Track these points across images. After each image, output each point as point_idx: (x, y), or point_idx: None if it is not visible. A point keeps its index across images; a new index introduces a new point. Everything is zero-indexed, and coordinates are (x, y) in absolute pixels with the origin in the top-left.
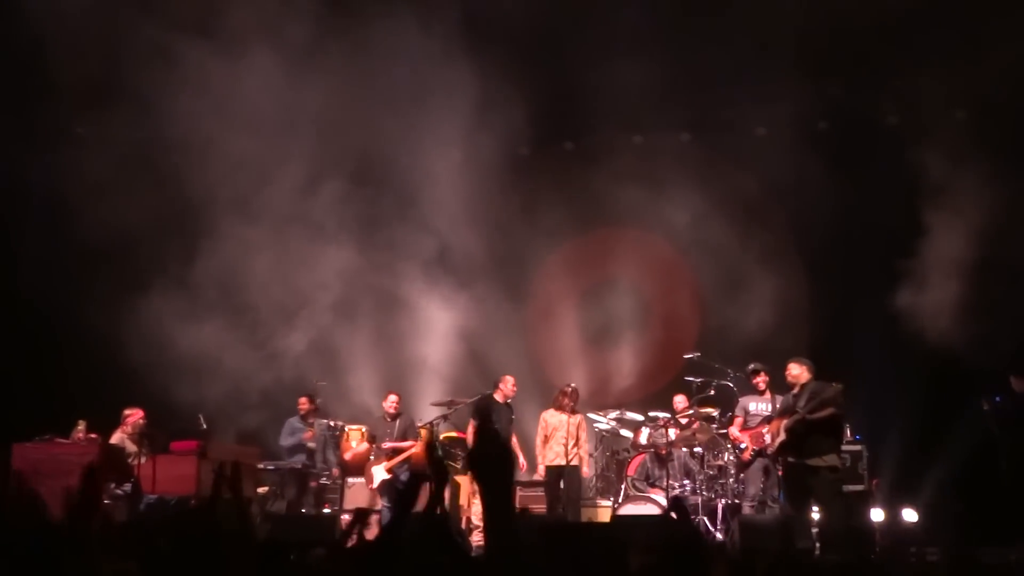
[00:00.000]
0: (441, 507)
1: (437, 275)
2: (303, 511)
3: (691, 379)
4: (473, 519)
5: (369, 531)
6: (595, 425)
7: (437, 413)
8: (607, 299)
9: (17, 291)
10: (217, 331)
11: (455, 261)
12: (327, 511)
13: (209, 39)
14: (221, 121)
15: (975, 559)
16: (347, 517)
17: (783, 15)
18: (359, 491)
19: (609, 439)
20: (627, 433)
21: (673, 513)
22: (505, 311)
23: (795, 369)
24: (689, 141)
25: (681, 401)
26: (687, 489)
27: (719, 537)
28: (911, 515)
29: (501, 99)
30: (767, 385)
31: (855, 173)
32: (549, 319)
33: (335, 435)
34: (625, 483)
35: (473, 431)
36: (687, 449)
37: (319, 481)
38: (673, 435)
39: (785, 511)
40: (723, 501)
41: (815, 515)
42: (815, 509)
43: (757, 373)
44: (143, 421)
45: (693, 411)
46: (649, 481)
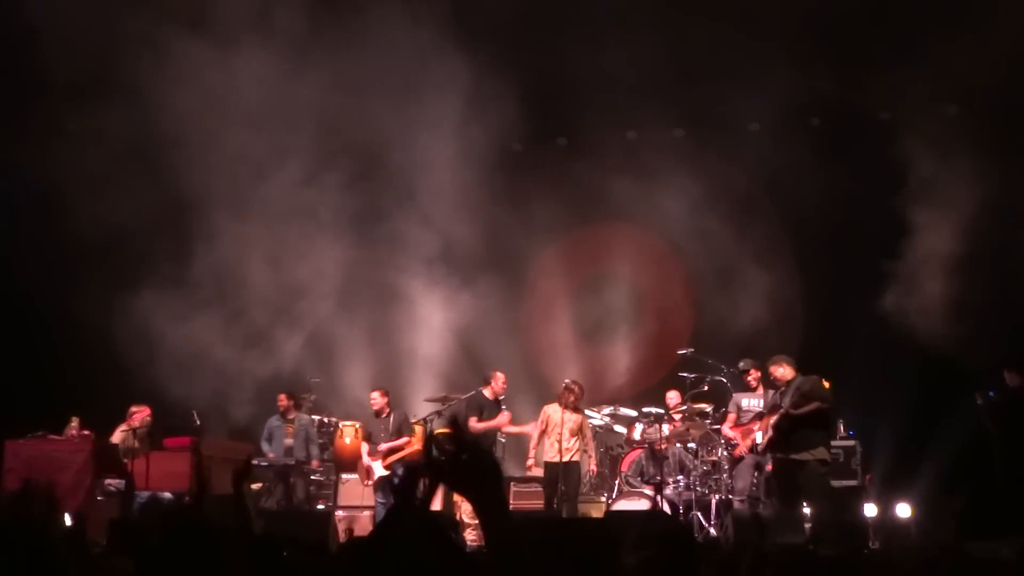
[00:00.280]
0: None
1: (431, 271)
2: (296, 507)
3: (685, 375)
4: (465, 518)
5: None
6: (589, 421)
7: (431, 409)
8: (601, 295)
9: (10, 288)
10: (210, 327)
11: (449, 257)
12: (321, 507)
13: (200, 32)
14: (213, 114)
15: (967, 553)
16: (341, 513)
17: (777, 10)
18: (353, 487)
19: (603, 435)
20: (621, 429)
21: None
22: (499, 307)
23: (779, 370)
24: (682, 137)
25: (674, 397)
26: (681, 485)
27: (713, 532)
28: (904, 510)
29: (494, 94)
30: (759, 381)
31: (847, 169)
32: (543, 315)
33: (329, 431)
34: (619, 479)
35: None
36: (681, 445)
37: (309, 477)
38: (667, 431)
39: (776, 507)
40: (717, 497)
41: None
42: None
43: (748, 372)
44: (150, 419)
45: (686, 407)
46: (644, 478)
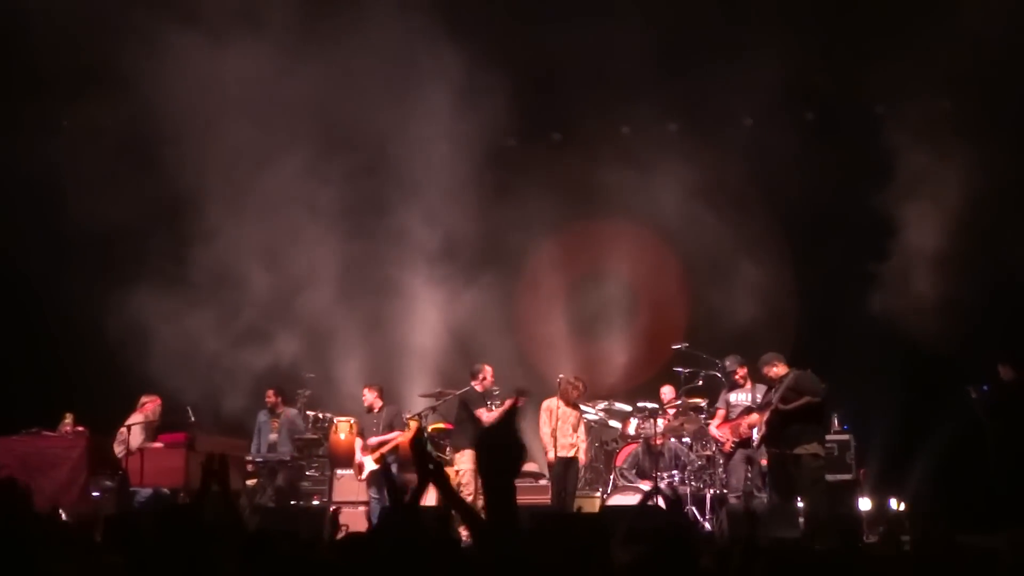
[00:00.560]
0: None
1: (425, 266)
2: (291, 503)
3: (679, 370)
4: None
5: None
6: (584, 416)
7: (426, 404)
8: (595, 290)
9: (2, 283)
10: (204, 323)
11: (444, 252)
12: (316, 503)
13: (193, 25)
14: (206, 107)
15: (960, 546)
16: (335, 508)
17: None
18: (347, 483)
19: (598, 430)
20: (615, 424)
21: (659, 500)
22: (494, 302)
23: (772, 369)
24: (676, 131)
25: (668, 392)
26: (676, 479)
27: (707, 527)
28: (897, 504)
29: (487, 89)
30: (746, 378)
31: (842, 163)
32: (538, 309)
33: (324, 426)
34: (614, 473)
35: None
36: (676, 440)
37: (296, 472)
38: (661, 425)
39: (771, 501)
40: (711, 491)
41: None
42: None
43: (735, 371)
44: (160, 409)
45: (681, 402)
46: (639, 471)
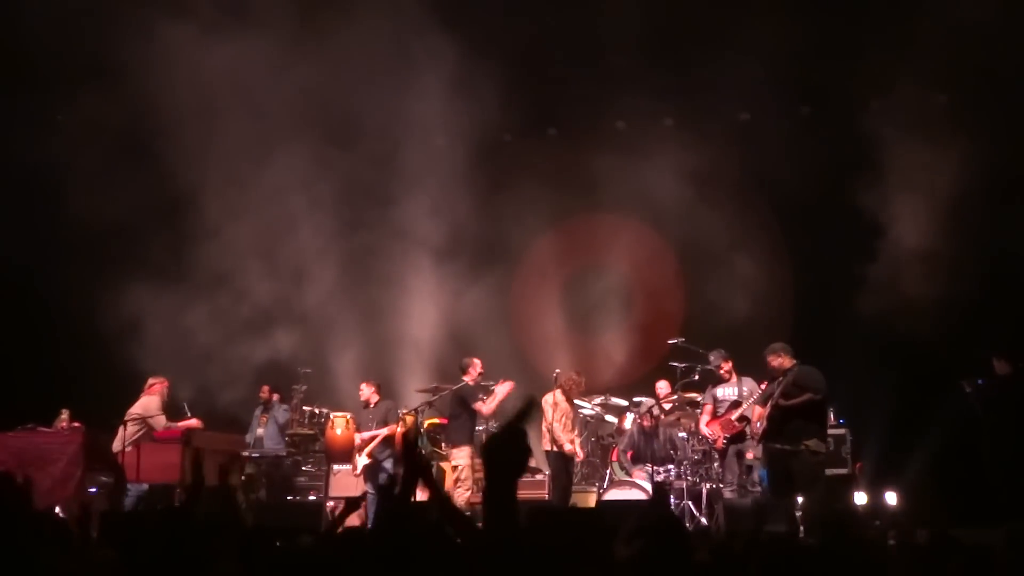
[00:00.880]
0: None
1: (421, 260)
2: (288, 498)
3: (675, 364)
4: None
5: (353, 518)
6: (580, 411)
7: (422, 399)
8: (591, 284)
9: None
10: (200, 318)
11: (439, 247)
12: (312, 498)
13: (187, 18)
14: (201, 99)
15: (956, 540)
16: (332, 504)
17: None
18: (344, 478)
19: (594, 424)
20: (612, 419)
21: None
22: (490, 296)
23: (776, 359)
24: (671, 126)
25: (664, 387)
26: (672, 473)
27: (704, 522)
28: (894, 498)
29: (482, 84)
30: (731, 372)
31: (837, 157)
32: (534, 304)
33: (320, 422)
34: (610, 468)
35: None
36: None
37: (292, 467)
38: (656, 411)
39: (767, 495)
40: (707, 486)
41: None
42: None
43: (720, 367)
44: (168, 391)
45: (676, 396)
46: (635, 455)
